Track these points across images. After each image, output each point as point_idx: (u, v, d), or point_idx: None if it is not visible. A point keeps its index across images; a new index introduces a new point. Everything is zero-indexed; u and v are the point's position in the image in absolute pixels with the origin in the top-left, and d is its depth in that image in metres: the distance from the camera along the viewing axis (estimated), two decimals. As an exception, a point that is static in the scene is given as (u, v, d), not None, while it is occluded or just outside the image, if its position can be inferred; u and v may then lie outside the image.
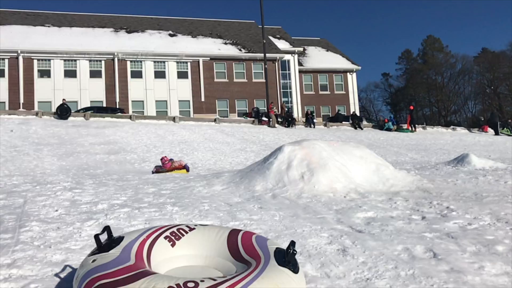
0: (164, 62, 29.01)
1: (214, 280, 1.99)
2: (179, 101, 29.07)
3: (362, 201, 4.89)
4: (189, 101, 29.34)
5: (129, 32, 30.85)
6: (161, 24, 32.90)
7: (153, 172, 9.94)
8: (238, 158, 13.14)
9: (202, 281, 1.96)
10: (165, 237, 2.55)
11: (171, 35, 31.59)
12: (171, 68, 29.18)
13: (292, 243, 2.37)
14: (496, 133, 26.42)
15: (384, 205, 4.69)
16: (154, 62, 28.81)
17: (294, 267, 2.26)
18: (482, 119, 32.95)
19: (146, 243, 2.43)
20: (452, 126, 30.06)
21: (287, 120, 24.28)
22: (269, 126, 23.12)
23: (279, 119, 24.56)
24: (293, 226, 3.83)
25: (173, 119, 22.36)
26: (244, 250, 2.47)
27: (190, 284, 1.93)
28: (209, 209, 4.46)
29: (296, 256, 3.02)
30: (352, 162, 6.21)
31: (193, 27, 33.53)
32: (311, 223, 3.92)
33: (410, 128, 25.72)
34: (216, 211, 4.38)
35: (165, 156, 10.52)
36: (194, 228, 2.68)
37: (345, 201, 4.87)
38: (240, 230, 2.70)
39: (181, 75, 29.39)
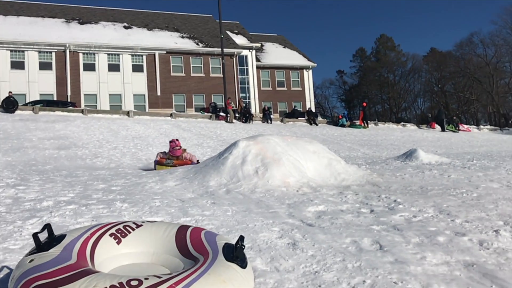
0: (118, 55, 28.20)
1: (159, 277, 1.94)
2: (134, 95, 28.39)
3: (314, 195, 4.96)
4: (144, 95, 28.72)
5: (81, 23, 29.74)
6: (116, 16, 31.96)
7: (155, 163, 8.43)
8: (195, 153, 12.99)
9: (146, 278, 1.91)
10: (111, 235, 2.47)
11: (126, 28, 30.75)
12: (126, 61, 28.42)
13: (241, 238, 2.36)
14: (443, 130, 27.74)
15: (335, 198, 4.79)
16: (108, 54, 27.94)
17: (242, 262, 2.26)
18: (430, 116, 34.54)
19: (89, 241, 2.34)
20: (402, 123, 31.22)
21: (245, 115, 24.32)
22: (226, 121, 23.06)
23: (237, 115, 24.55)
24: (245, 221, 3.83)
25: (127, 113, 21.81)
26: (192, 246, 2.43)
27: (134, 282, 1.87)
28: (160, 205, 4.37)
29: (247, 251, 3.03)
30: (305, 157, 6.31)
31: (149, 19, 32.79)
32: (263, 217, 3.94)
33: (362, 124, 26.50)
34: (167, 207, 4.30)
35: (178, 140, 8.74)
36: (141, 225, 2.61)
37: (298, 195, 4.93)
38: (189, 226, 2.66)
39: (136, 68, 28.70)
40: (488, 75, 47.09)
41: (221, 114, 24.05)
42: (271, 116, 25.98)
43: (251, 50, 33.11)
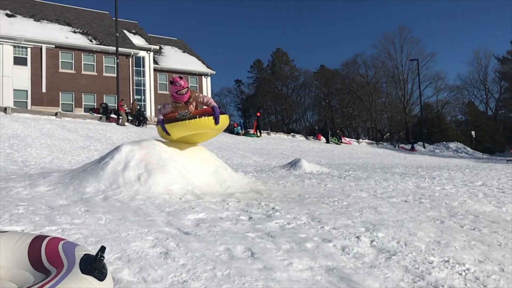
0: (-3, 44, 25.49)
1: (-3, 294, 1.75)
2: (14, 90, 25.86)
3: (197, 202, 4.94)
4: (27, 91, 26.31)
5: (-49, 4, 26.32)
6: (-5, 1, 28.86)
7: (161, 123, 5.98)
8: (80, 156, 12.20)
9: (-20, 297, 1.71)
10: None
11: (8, 15, 27.93)
12: (7, 52, 25.78)
13: (102, 249, 2.24)
14: (327, 141, 29.85)
15: (216, 206, 4.81)
16: (-15, 43, 25.12)
17: (100, 274, 2.14)
18: (317, 128, 37.00)
19: None
20: (292, 133, 32.93)
21: (138, 118, 23.50)
22: (117, 124, 22.06)
23: (130, 117, 23.63)
24: (118, 229, 3.66)
25: (5, 110, 19.75)
26: (46, 259, 2.24)
27: (-37, 302, 1.66)
28: (24, 212, 3.98)
29: (115, 262, 2.89)
30: (193, 164, 6.27)
31: (36, 9, 30.18)
32: (139, 226, 3.81)
33: (256, 133, 27.36)
34: (32, 215, 3.93)
35: (182, 78, 5.88)
36: (-12, 236, 2.34)
37: (180, 203, 4.86)
38: (47, 236, 2.46)
39: (19, 61, 26.19)
40: (368, 94, 52.04)
41: (112, 116, 22.98)
42: (167, 121, 25.47)
43: (149, 52, 32.23)
